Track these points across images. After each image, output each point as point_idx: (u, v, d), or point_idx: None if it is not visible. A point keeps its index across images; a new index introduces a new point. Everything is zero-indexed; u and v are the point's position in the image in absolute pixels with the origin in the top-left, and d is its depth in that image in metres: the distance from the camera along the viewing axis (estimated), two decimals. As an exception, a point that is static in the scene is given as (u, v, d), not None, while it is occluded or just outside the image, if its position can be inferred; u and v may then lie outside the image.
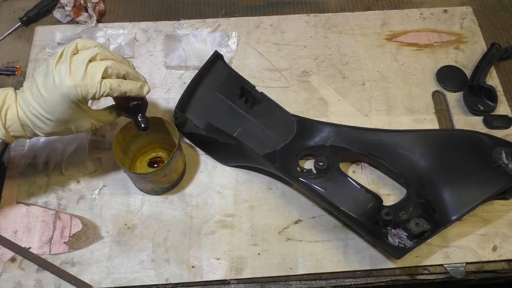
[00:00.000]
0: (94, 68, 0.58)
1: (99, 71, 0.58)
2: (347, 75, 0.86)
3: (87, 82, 0.57)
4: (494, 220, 0.72)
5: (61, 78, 0.57)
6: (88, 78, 0.57)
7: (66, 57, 0.58)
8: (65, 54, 0.58)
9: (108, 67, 0.59)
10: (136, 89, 0.62)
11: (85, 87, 0.57)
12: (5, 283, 0.67)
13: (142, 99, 0.65)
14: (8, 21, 0.93)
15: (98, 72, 0.58)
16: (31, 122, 0.60)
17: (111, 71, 0.59)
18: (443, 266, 0.69)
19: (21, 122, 0.60)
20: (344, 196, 0.70)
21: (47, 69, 0.58)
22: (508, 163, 0.70)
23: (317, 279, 0.69)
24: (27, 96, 0.59)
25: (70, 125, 0.62)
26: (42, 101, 0.58)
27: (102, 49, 0.60)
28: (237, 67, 0.86)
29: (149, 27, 0.92)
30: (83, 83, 0.57)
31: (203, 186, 0.75)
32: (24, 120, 0.59)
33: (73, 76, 0.57)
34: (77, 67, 0.57)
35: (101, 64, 0.58)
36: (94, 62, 0.59)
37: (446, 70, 0.86)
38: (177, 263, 0.69)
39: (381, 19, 0.93)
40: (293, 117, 0.80)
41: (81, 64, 0.57)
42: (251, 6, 0.96)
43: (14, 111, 0.59)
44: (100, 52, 0.59)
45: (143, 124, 0.65)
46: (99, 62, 0.59)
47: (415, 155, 0.74)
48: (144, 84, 0.64)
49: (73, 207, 0.73)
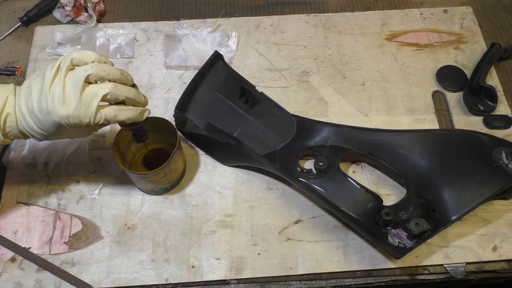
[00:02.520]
0: (90, 96, 0.54)
1: (95, 100, 0.54)
2: (347, 75, 0.86)
3: (81, 112, 0.54)
4: (494, 220, 0.72)
5: (54, 105, 0.53)
6: (82, 107, 0.54)
7: (61, 77, 0.54)
8: (60, 70, 0.54)
9: (105, 95, 0.54)
10: (134, 116, 0.58)
11: (78, 118, 0.54)
12: (5, 283, 0.67)
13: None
14: (8, 21, 0.93)
15: (94, 101, 0.54)
16: (28, 133, 0.59)
17: (108, 98, 0.55)
18: (443, 266, 0.69)
19: (20, 131, 0.59)
20: (344, 196, 0.70)
21: (43, 83, 0.55)
22: (508, 163, 0.70)
23: (317, 279, 0.69)
24: (23, 108, 0.56)
25: (65, 138, 0.62)
26: (36, 119, 0.56)
27: (96, 66, 0.54)
28: (237, 67, 0.86)
29: (149, 27, 0.92)
30: (76, 114, 0.54)
31: (203, 186, 0.75)
32: (22, 129, 0.58)
33: (66, 104, 0.53)
34: (71, 91, 0.53)
35: (99, 92, 0.54)
36: (91, 87, 0.54)
37: (446, 70, 0.86)
38: (177, 263, 0.69)
39: (381, 19, 0.93)
40: (293, 117, 0.80)
41: (76, 89, 0.53)
42: (251, 6, 0.96)
43: (13, 119, 0.57)
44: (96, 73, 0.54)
45: (142, 137, 0.64)
46: (97, 87, 0.54)
47: (415, 155, 0.74)
48: (145, 110, 0.59)
49: (73, 207, 0.73)
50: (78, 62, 0.55)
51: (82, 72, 0.54)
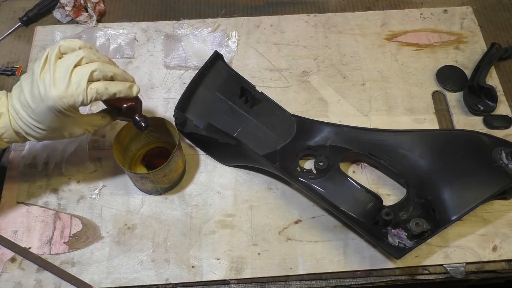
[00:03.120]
0: (79, 75, 0.56)
1: (84, 78, 0.56)
2: (347, 75, 0.86)
3: (73, 91, 0.55)
4: (494, 220, 0.72)
5: (46, 89, 0.55)
6: (73, 86, 0.55)
7: (50, 64, 0.55)
8: (49, 59, 0.56)
9: (93, 71, 0.56)
10: (125, 90, 0.60)
11: (71, 97, 0.55)
12: (5, 283, 0.67)
13: (135, 99, 0.64)
14: (8, 21, 0.93)
15: (84, 79, 0.56)
16: (23, 130, 0.59)
17: (96, 75, 0.57)
18: (443, 266, 0.69)
19: (14, 130, 0.59)
20: (344, 196, 0.70)
21: (33, 76, 0.56)
22: (508, 163, 0.70)
23: (317, 279, 0.69)
24: (16, 105, 0.57)
25: (62, 132, 0.61)
26: (30, 111, 0.57)
27: (87, 50, 0.58)
28: (237, 67, 0.86)
29: (149, 27, 0.92)
30: (69, 93, 0.55)
31: (203, 186, 0.75)
32: (17, 128, 0.59)
33: (57, 86, 0.55)
34: (60, 75, 0.55)
35: (86, 69, 0.56)
36: (78, 68, 0.56)
37: (446, 70, 0.86)
38: (177, 263, 0.69)
39: (381, 19, 0.93)
40: (293, 117, 0.80)
41: (65, 72, 0.55)
42: (251, 6, 0.96)
43: (6, 119, 0.58)
44: (85, 56, 0.57)
45: (142, 123, 0.63)
46: (84, 66, 0.56)
47: (415, 155, 0.74)
48: (133, 85, 0.62)
49: (73, 207, 0.73)
50: (66, 49, 0.57)
51: (73, 57, 0.56)
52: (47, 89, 0.55)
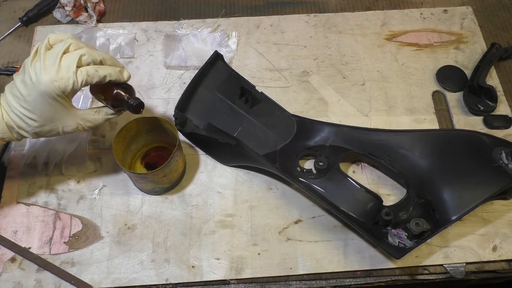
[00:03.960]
0: (68, 59, 0.57)
1: (73, 61, 0.57)
2: (347, 75, 0.86)
3: (63, 74, 0.57)
4: (494, 220, 0.72)
5: (37, 75, 0.56)
6: (64, 70, 0.57)
7: (40, 53, 0.57)
8: (39, 51, 0.58)
9: (82, 55, 0.58)
10: (115, 73, 0.61)
11: (62, 80, 0.57)
12: (5, 283, 0.67)
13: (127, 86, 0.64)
14: (8, 21, 0.93)
15: (73, 62, 0.57)
16: (15, 123, 0.59)
17: (86, 59, 0.59)
18: (443, 266, 0.69)
19: (6, 125, 0.59)
20: (344, 196, 0.70)
21: (24, 68, 0.58)
22: (508, 163, 0.70)
23: (317, 279, 0.69)
24: (8, 97, 0.58)
25: (54, 124, 0.60)
26: (22, 100, 0.57)
27: (75, 40, 0.60)
28: (237, 67, 0.86)
29: (149, 27, 0.92)
30: (59, 77, 0.56)
31: (203, 186, 0.75)
32: (9, 121, 0.59)
33: (48, 71, 0.56)
34: (51, 62, 0.57)
35: (75, 54, 0.58)
36: (67, 54, 0.58)
37: (446, 70, 0.86)
38: (177, 263, 0.69)
39: (381, 19, 0.93)
40: (293, 117, 0.80)
41: (55, 58, 0.57)
42: (251, 6, 0.96)
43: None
44: (73, 43, 0.59)
45: (134, 103, 0.62)
46: (73, 52, 0.58)
47: (415, 155, 0.74)
48: (123, 69, 0.63)
49: (73, 207, 0.73)
50: (55, 41, 0.59)
51: (62, 45, 0.58)
52: (38, 75, 0.56)
